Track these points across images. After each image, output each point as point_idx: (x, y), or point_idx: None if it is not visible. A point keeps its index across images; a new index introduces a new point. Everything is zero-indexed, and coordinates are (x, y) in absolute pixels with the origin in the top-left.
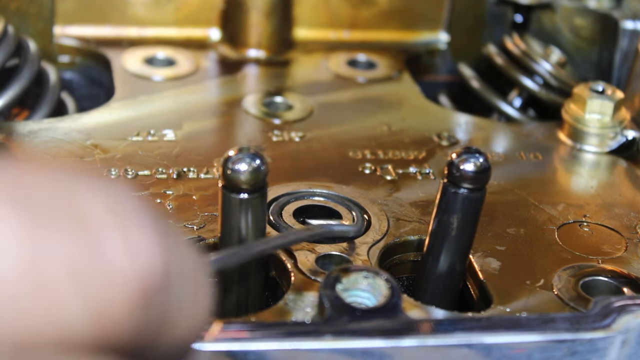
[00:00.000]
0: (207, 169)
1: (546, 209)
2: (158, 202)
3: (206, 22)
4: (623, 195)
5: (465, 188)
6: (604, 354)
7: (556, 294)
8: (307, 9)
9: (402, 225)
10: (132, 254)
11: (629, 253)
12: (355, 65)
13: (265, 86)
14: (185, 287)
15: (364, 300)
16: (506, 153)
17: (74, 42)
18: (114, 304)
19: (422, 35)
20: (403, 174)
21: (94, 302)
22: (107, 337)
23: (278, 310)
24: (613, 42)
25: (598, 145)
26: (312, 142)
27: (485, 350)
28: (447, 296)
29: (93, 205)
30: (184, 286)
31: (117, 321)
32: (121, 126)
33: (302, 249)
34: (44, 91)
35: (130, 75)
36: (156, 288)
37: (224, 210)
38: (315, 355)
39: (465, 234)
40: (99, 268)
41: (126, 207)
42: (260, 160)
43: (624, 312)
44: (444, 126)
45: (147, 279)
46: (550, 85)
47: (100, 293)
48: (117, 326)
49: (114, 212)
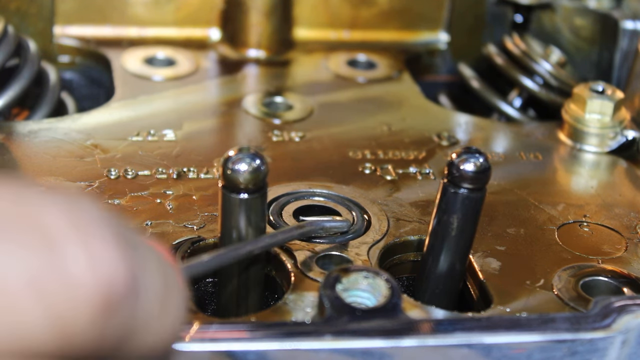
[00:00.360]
0: (207, 169)
1: (546, 209)
2: (158, 202)
3: (206, 22)
4: (623, 195)
5: (465, 188)
6: (604, 354)
7: (556, 294)
8: (307, 9)
9: (402, 225)
10: (93, 266)
11: (629, 253)
12: (355, 65)
13: (265, 86)
14: (153, 297)
15: (364, 300)
16: (506, 153)
17: (74, 42)
18: (75, 314)
19: (422, 35)
20: (403, 174)
21: (55, 313)
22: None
23: (278, 310)
24: (613, 42)
25: (598, 145)
26: (312, 142)
27: (485, 350)
28: (447, 296)
29: (56, 220)
30: (151, 296)
31: (79, 331)
32: (121, 126)
33: (302, 249)
34: (44, 91)
35: (130, 75)
36: (119, 298)
37: (224, 210)
38: (315, 355)
39: (465, 234)
40: (60, 280)
41: (89, 220)
42: (260, 160)
43: (624, 312)
44: (444, 126)
45: (108, 290)
46: (550, 85)
47: (61, 304)
48: (79, 336)
49: (76, 226)
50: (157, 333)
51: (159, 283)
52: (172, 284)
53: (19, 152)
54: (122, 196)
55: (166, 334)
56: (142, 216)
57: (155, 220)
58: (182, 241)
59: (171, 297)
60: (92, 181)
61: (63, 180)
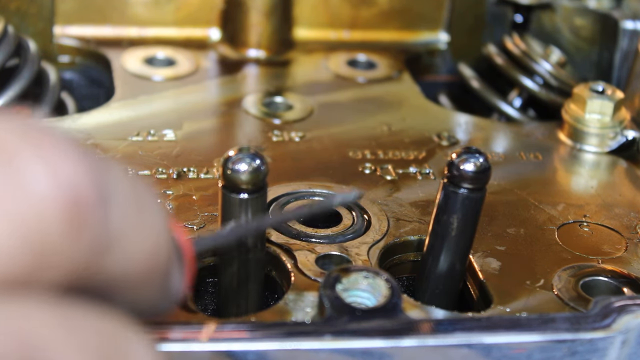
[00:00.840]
0: (207, 169)
1: (546, 209)
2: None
3: (206, 22)
4: (623, 195)
5: (465, 188)
6: (604, 354)
7: (556, 294)
8: (307, 9)
9: (402, 225)
10: (54, 177)
11: (629, 253)
12: (355, 65)
13: (265, 86)
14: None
15: (364, 300)
16: (506, 153)
17: (74, 42)
18: (44, 230)
19: (422, 35)
20: (403, 174)
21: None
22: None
23: (278, 310)
24: (613, 42)
25: (598, 145)
26: (312, 142)
27: (485, 350)
28: (447, 296)
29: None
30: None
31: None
32: (121, 126)
33: (302, 249)
34: (44, 91)
35: (130, 75)
36: (87, 207)
37: (224, 210)
38: (315, 355)
39: (465, 234)
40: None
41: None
42: (260, 160)
43: (624, 312)
44: (444, 126)
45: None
46: (550, 85)
47: (28, 221)
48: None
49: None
50: (135, 245)
51: (128, 193)
52: (144, 194)
53: None
54: None
55: (147, 246)
56: None
57: None
58: None
59: (145, 207)
60: None
61: None
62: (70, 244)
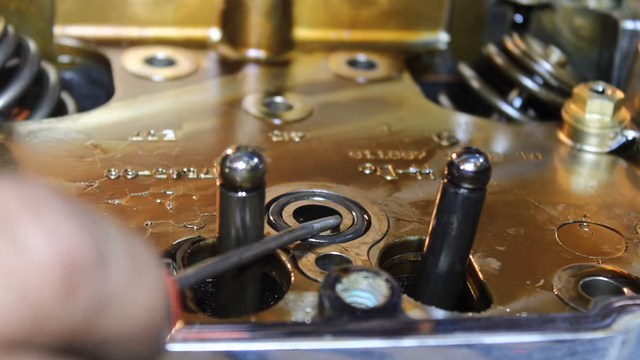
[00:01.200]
0: (207, 169)
1: (546, 209)
2: (158, 202)
3: (206, 22)
4: (623, 195)
5: (465, 188)
6: (604, 354)
7: (556, 294)
8: (307, 9)
9: (402, 225)
10: (50, 240)
11: (629, 253)
12: (355, 65)
13: (265, 86)
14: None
15: (364, 300)
16: (506, 153)
17: (74, 42)
18: (41, 291)
19: (422, 35)
20: (403, 174)
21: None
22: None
23: (278, 310)
24: (613, 42)
25: (598, 146)
26: (312, 142)
27: (485, 350)
28: (447, 296)
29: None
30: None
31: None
32: (121, 126)
33: (302, 249)
34: (44, 91)
35: (130, 75)
36: (82, 269)
37: (222, 208)
38: (315, 355)
39: (465, 234)
40: (20, 259)
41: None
42: (258, 159)
43: (624, 312)
44: (444, 126)
45: (70, 261)
46: (550, 85)
47: (25, 283)
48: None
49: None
50: (133, 304)
51: (125, 253)
52: (141, 256)
53: (19, 152)
54: (122, 196)
55: (142, 307)
56: (142, 216)
57: (155, 220)
58: (182, 241)
59: (142, 268)
60: (92, 181)
61: (63, 180)
62: (66, 306)
